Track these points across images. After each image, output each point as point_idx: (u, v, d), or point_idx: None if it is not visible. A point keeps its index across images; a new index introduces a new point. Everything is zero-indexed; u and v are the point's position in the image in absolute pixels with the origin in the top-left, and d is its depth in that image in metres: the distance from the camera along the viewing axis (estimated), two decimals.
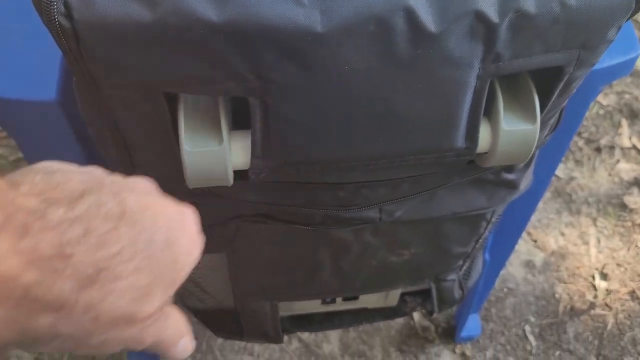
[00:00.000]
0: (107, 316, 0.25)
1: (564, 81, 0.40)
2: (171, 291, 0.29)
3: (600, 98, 1.41)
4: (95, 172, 0.29)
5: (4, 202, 0.23)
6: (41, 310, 0.24)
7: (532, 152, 0.43)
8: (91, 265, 0.24)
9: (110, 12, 0.32)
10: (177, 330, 0.31)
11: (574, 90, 0.42)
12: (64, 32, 0.33)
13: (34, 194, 0.24)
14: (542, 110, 0.41)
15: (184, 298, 0.66)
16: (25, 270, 0.23)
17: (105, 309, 0.25)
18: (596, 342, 1.14)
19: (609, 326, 1.15)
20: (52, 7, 0.32)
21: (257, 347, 1.10)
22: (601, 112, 1.40)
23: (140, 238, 0.26)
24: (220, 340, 1.11)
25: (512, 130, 0.41)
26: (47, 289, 0.23)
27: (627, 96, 1.42)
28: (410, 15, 0.33)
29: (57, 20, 0.32)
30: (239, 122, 0.41)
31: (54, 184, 0.25)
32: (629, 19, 0.37)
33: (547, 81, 0.40)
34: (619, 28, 0.37)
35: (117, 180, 0.29)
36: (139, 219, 0.27)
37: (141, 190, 0.29)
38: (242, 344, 1.11)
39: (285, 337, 1.09)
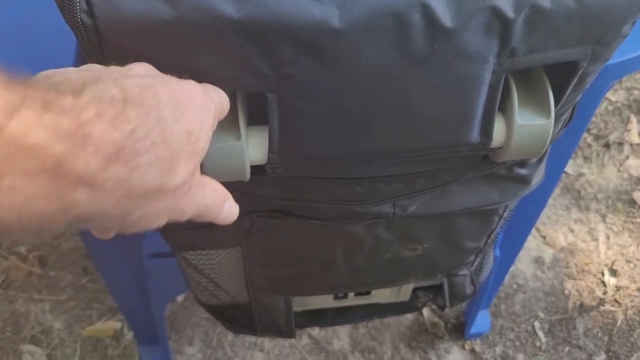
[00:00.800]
0: (138, 190, 0.27)
1: (578, 76, 0.40)
2: (195, 161, 0.30)
3: (609, 94, 1.41)
4: (92, 67, 0.30)
5: (17, 88, 0.24)
6: (76, 183, 0.25)
7: (546, 147, 0.43)
8: (111, 144, 0.25)
9: (131, 9, 0.33)
10: (218, 196, 0.34)
11: (588, 85, 0.43)
12: (86, 29, 0.33)
13: (41, 89, 0.25)
14: (556, 105, 0.42)
15: (197, 294, 0.66)
16: (52, 141, 0.24)
17: (134, 183, 0.26)
18: (606, 338, 1.14)
19: (619, 322, 1.15)
20: (74, 5, 0.32)
21: (267, 343, 1.11)
22: (610, 108, 1.40)
23: (149, 116, 0.27)
24: (230, 336, 1.12)
25: (527, 124, 0.41)
26: (76, 162, 0.24)
27: (636, 92, 1.42)
28: (427, 11, 0.34)
29: (80, 18, 0.33)
30: (254, 117, 0.41)
31: (54, 83, 0.27)
32: None
33: (562, 76, 0.41)
34: (634, 23, 0.37)
35: (114, 70, 0.30)
36: (143, 99, 0.28)
37: (140, 74, 0.31)
38: (253, 340, 1.11)
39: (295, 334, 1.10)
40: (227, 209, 0.35)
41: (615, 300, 1.18)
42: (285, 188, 0.47)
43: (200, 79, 0.37)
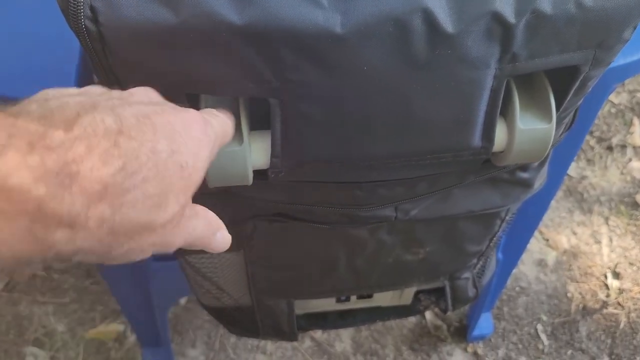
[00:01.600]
0: (123, 228, 0.26)
1: (579, 80, 0.40)
2: (186, 196, 0.29)
3: (612, 97, 1.41)
4: (92, 91, 0.30)
5: (5, 125, 0.24)
6: (56, 225, 0.24)
7: (547, 151, 0.43)
8: (97, 182, 0.25)
9: (135, 16, 0.33)
10: (209, 226, 0.33)
11: (590, 89, 0.43)
12: (90, 35, 0.33)
13: (33, 120, 0.25)
14: (557, 109, 0.42)
15: (200, 296, 0.67)
16: (35, 183, 0.23)
17: (119, 222, 0.26)
18: (609, 341, 1.14)
19: (622, 325, 1.15)
20: (79, 11, 0.32)
21: (269, 346, 1.11)
22: (613, 110, 1.40)
23: (142, 150, 0.27)
24: (233, 339, 1.12)
25: (528, 129, 0.41)
26: (58, 204, 0.24)
27: (639, 95, 1.42)
28: (428, 17, 0.34)
29: (84, 24, 0.33)
30: (256, 122, 0.41)
31: (49, 110, 0.26)
32: None
33: (563, 80, 0.41)
34: (635, 28, 0.37)
35: (113, 96, 0.30)
36: (138, 130, 0.27)
37: (139, 102, 0.30)
38: (255, 342, 1.12)
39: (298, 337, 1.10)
40: (220, 239, 0.34)
41: (618, 303, 1.17)
42: (288, 192, 0.47)
43: (202, 84, 0.37)
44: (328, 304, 0.69)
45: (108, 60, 0.35)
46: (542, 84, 0.41)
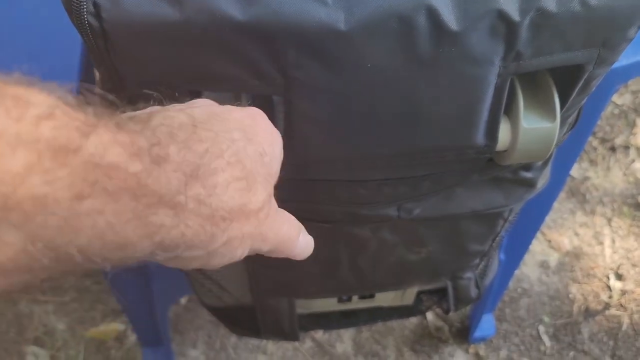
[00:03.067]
0: (220, 211, 0.26)
1: (583, 79, 0.40)
2: (270, 184, 0.30)
3: (615, 97, 1.40)
4: (153, 107, 0.30)
5: (89, 110, 0.23)
6: (157, 204, 0.24)
7: (551, 150, 0.43)
8: (187, 163, 0.25)
9: (138, 11, 0.33)
10: (293, 227, 0.33)
11: (594, 89, 0.43)
12: (93, 31, 0.33)
13: (110, 112, 0.24)
14: (561, 108, 0.41)
15: (201, 295, 0.66)
16: (130, 160, 0.23)
17: (216, 203, 0.26)
18: (611, 342, 1.13)
19: (624, 327, 1.15)
20: (81, 7, 0.32)
21: (270, 346, 1.11)
22: (616, 111, 1.40)
23: (220, 138, 0.27)
24: (234, 339, 1.12)
25: (532, 128, 0.41)
26: (156, 181, 0.23)
27: None
28: (433, 14, 0.34)
29: (87, 20, 0.33)
30: None
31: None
32: None
33: (567, 79, 0.41)
34: (639, 27, 0.37)
35: (176, 104, 0.30)
36: (211, 124, 0.28)
37: (203, 104, 0.31)
38: (256, 342, 1.11)
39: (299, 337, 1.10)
40: (302, 242, 0.34)
41: (621, 305, 1.17)
42: (290, 190, 0.47)
43: (206, 81, 0.37)
44: (329, 304, 0.68)
45: (110, 57, 0.35)
46: (546, 82, 0.41)
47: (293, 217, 0.34)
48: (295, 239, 0.33)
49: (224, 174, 0.26)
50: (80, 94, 0.24)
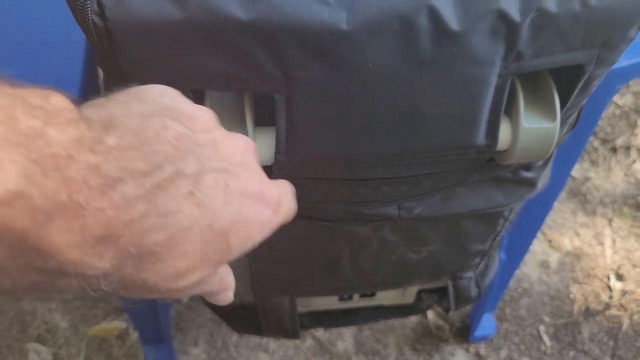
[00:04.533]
0: (137, 287, 0.25)
1: (584, 79, 0.40)
2: (214, 269, 0.28)
3: (616, 98, 1.40)
4: (201, 121, 0.28)
5: (86, 156, 0.22)
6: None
7: (551, 150, 0.43)
8: (135, 247, 0.24)
9: (142, 11, 0.33)
10: (219, 285, 0.31)
11: (594, 89, 0.43)
12: (97, 31, 0.34)
13: (114, 155, 0.23)
14: (562, 109, 0.42)
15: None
16: (69, 250, 0.22)
17: (136, 282, 0.25)
18: (611, 342, 1.13)
19: (624, 327, 1.15)
20: (86, 6, 0.33)
21: (272, 344, 1.11)
22: (617, 112, 1.40)
23: (198, 224, 0.25)
24: (235, 337, 1.12)
25: (532, 128, 0.41)
26: (88, 267, 0.23)
27: None
28: (434, 14, 0.34)
29: (91, 19, 0.33)
30: (261, 118, 0.41)
31: (141, 141, 0.24)
32: None
33: (568, 79, 0.41)
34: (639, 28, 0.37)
35: (207, 144, 0.27)
36: (207, 199, 0.26)
37: (229, 162, 0.28)
38: (257, 341, 1.12)
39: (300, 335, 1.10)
40: (221, 298, 0.32)
41: (621, 305, 1.17)
42: None
43: (208, 80, 0.37)
44: (331, 302, 0.69)
45: (115, 56, 0.35)
46: (547, 83, 0.41)
47: (229, 276, 0.31)
48: (215, 295, 0.31)
49: (164, 264, 0.25)
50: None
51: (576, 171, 1.32)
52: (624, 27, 0.37)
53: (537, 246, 1.23)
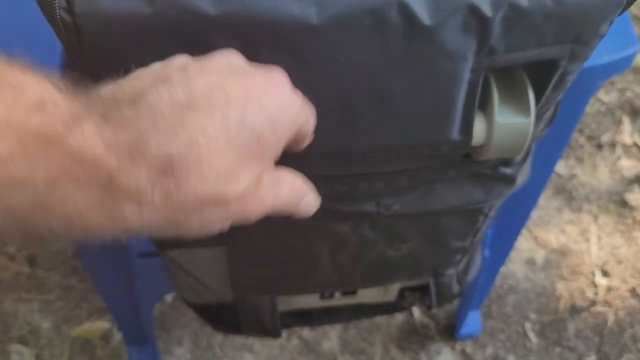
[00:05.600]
0: (190, 204, 0.26)
1: (557, 75, 0.40)
2: (262, 166, 0.28)
3: (601, 95, 1.41)
4: (172, 63, 0.30)
5: (79, 99, 0.25)
6: (124, 199, 0.25)
7: (526, 146, 0.43)
8: (163, 157, 0.25)
9: (110, 6, 0.33)
10: (295, 194, 0.32)
11: (569, 84, 0.43)
12: (66, 26, 0.33)
13: (101, 98, 0.26)
14: (537, 104, 0.42)
15: (183, 293, 0.66)
16: (108, 155, 0.24)
17: (184, 197, 0.26)
18: (596, 339, 1.14)
19: (609, 323, 1.16)
20: (54, 3, 0.32)
21: (257, 344, 1.11)
22: (602, 109, 1.40)
23: (210, 123, 0.26)
24: (220, 337, 1.12)
25: (507, 123, 0.41)
26: (127, 178, 0.24)
27: (628, 93, 1.42)
28: (405, 9, 0.34)
29: (59, 15, 0.33)
30: None
31: (119, 84, 0.27)
32: (620, 13, 0.37)
33: (542, 74, 0.41)
34: (611, 23, 0.37)
35: (190, 65, 0.29)
36: (208, 103, 0.26)
37: (215, 70, 0.29)
38: (242, 341, 1.11)
39: (285, 334, 1.10)
40: (305, 205, 0.33)
41: (606, 301, 1.18)
42: None
43: None
44: (312, 301, 0.68)
45: (84, 52, 0.35)
46: (521, 78, 0.41)
47: (298, 181, 0.32)
48: (295, 205, 0.33)
49: (202, 167, 0.26)
50: (73, 81, 0.25)
51: (562, 168, 1.33)
52: (595, 22, 0.37)
53: (523, 243, 1.24)
